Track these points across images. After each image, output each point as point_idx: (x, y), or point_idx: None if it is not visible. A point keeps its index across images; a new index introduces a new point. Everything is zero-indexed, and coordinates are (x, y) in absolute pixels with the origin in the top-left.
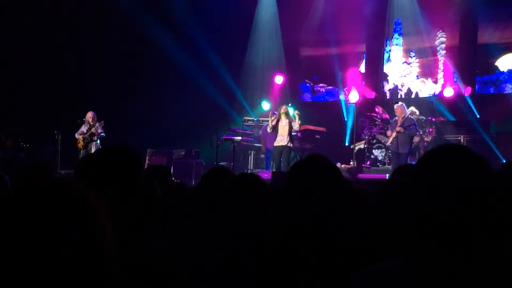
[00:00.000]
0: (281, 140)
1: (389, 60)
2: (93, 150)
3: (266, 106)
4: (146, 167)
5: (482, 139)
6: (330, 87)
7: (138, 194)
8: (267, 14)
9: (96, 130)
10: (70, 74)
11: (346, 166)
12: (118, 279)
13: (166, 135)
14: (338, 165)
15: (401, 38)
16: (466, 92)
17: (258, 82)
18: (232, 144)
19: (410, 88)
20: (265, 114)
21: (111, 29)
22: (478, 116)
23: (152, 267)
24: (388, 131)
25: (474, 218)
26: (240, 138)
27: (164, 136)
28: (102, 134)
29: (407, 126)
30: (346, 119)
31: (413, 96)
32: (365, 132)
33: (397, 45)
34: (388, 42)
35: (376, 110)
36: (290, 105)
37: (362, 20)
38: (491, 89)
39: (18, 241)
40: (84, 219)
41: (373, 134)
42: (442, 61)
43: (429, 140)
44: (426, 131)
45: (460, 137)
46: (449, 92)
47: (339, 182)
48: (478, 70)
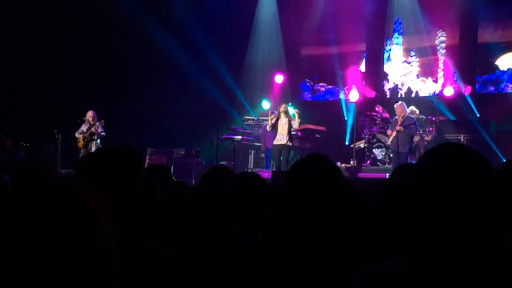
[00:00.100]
0: (280, 139)
1: (389, 59)
2: (93, 150)
3: (266, 105)
4: (146, 167)
5: (482, 138)
6: (330, 86)
7: (138, 193)
8: (267, 14)
9: (96, 129)
10: (70, 74)
11: (346, 166)
12: (119, 279)
13: (166, 135)
14: (338, 164)
15: (401, 37)
16: (466, 91)
17: (258, 81)
18: (232, 143)
19: (410, 87)
20: (265, 113)
21: (111, 29)
22: (478, 115)
23: (152, 267)
24: (388, 130)
25: (474, 217)
26: (240, 137)
27: (164, 135)
28: (102, 133)
29: (407, 125)
30: (346, 118)
31: (413, 95)
32: (365, 131)
33: (397, 44)
34: (388, 41)
35: (376, 109)
36: (290, 104)
37: (362, 19)
38: (491, 88)
39: (18, 240)
40: (84, 219)
41: (373, 133)
42: (442, 60)
43: (429, 139)
44: (426, 130)
45: (460, 136)
46: (449, 91)
47: (339, 181)
48: (478, 69)
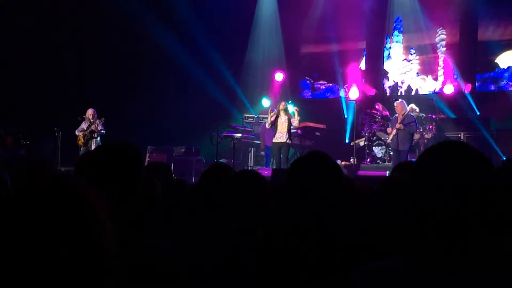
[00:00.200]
0: (280, 137)
1: (389, 57)
2: (93, 147)
3: (266, 103)
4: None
5: (482, 136)
6: (330, 84)
7: (139, 192)
8: (267, 12)
9: (96, 127)
10: (70, 73)
11: (346, 163)
12: (118, 277)
13: (166, 132)
14: (338, 162)
15: (401, 35)
16: (466, 89)
17: (258, 79)
18: (232, 141)
19: (410, 85)
20: (265, 111)
21: (111, 29)
22: (478, 113)
23: (152, 267)
24: (388, 128)
25: (474, 215)
26: (240, 135)
27: (164, 133)
28: (102, 131)
29: (407, 123)
30: (346, 116)
31: (413, 93)
32: (365, 129)
33: (397, 42)
34: (388, 39)
35: (376, 107)
36: (289, 102)
37: (362, 17)
38: (491, 86)
39: (18, 238)
40: (84, 216)
41: (373, 131)
42: (442, 58)
43: (429, 137)
44: (426, 128)
45: (460, 134)
46: (449, 89)
47: (339, 179)
48: (478, 67)
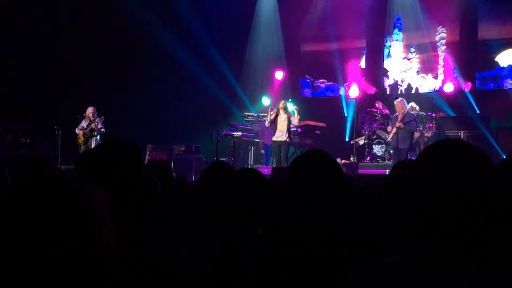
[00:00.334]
0: (279, 135)
1: (389, 55)
2: (93, 146)
3: (266, 101)
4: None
5: (482, 135)
6: (330, 83)
7: (139, 189)
8: (268, 10)
9: (96, 125)
10: (70, 71)
11: (346, 162)
12: (117, 272)
13: (167, 131)
14: (338, 160)
15: (401, 33)
16: (466, 87)
17: (258, 77)
18: (232, 139)
19: (410, 83)
20: (265, 110)
21: (111, 28)
22: (478, 111)
23: (152, 264)
24: (388, 127)
25: (474, 214)
26: (240, 133)
27: (164, 131)
28: (102, 129)
29: (407, 121)
30: (346, 115)
31: (413, 91)
32: (365, 127)
33: (397, 40)
34: (388, 38)
35: (376, 105)
36: (289, 100)
37: (362, 15)
38: (491, 84)
39: (18, 233)
40: (84, 212)
41: (373, 129)
42: (442, 56)
43: (429, 135)
44: (426, 127)
45: (460, 132)
46: (449, 87)
47: (340, 178)
48: (478, 65)
